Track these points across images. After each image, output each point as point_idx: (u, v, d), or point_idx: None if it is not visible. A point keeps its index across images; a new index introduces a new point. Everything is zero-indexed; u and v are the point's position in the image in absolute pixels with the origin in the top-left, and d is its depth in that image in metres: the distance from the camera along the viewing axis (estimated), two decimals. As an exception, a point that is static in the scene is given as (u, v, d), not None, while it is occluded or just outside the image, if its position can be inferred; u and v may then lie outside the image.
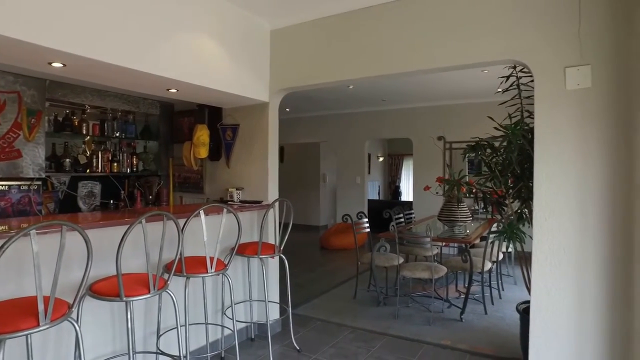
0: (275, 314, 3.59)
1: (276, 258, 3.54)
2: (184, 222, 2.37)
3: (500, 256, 4.62)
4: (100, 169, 4.30)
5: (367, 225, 4.82)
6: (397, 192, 12.16)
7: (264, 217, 3.05)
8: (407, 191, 11.75)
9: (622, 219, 2.25)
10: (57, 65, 2.50)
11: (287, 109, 8.04)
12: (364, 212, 4.97)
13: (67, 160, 4.05)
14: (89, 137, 4.29)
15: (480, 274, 4.20)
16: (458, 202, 4.32)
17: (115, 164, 4.42)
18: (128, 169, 4.57)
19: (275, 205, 3.31)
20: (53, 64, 2.48)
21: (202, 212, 2.42)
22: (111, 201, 4.39)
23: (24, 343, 1.90)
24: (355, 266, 4.64)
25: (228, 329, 3.06)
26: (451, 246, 5.73)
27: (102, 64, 2.45)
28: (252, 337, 3.46)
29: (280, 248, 3.18)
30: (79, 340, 1.78)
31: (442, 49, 2.81)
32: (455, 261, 4.29)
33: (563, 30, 2.39)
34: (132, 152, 4.66)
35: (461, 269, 4.14)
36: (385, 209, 4.62)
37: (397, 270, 4.15)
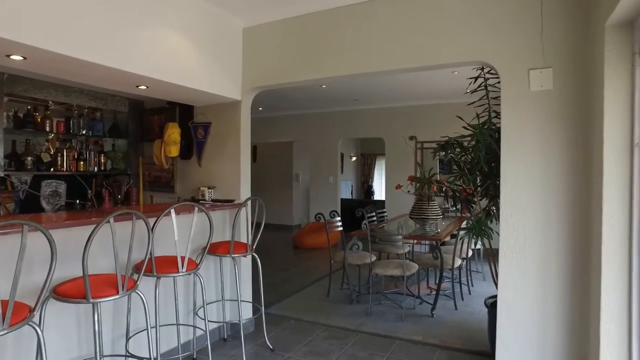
0: (248, 314, 3.56)
1: (249, 257, 3.52)
2: (154, 221, 2.32)
3: (470, 253, 4.74)
4: (65, 167, 4.14)
5: (340, 224, 4.86)
6: (370, 191, 12.28)
7: (236, 215, 3.02)
8: (380, 190, 11.89)
9: (580, 215, 2.35)
10: (16, 58, 2.38)
11: (260, 108, 7.99)
12: (337, 211, 4.99)
13: (29, 158, 3.87)
14: (53, 135, 4.12)
15: (451, 271, 4.30)
16: (429, 200, 4.40)
17: (81, 163, 4.26)
18: (95, 168, 4.43)
19: (248, 204, 3.28)
20: (12, 57, 2.36)
21: (172, 211, 2.38)
22: (77, 201, 4.24)
23: (-18, 349, 1.81)
24: (328, 265, 4.66)
25: (200, 330, 3.02)
26: (422, 244, 5.84)
27: (66, 58, 2.36)
28: (225, 337, 3.42)
29: (253, 247, 3.16)
30: (41, 346, 1.71)
31: (412, 50, 2.86)
32: (426, 258, 4.38)
33: (527, 34, 2.49)
34: (100, 151, 4.51)
35: (432, 266, 4.22)
36: (358, 208, 4.67)
37: (370, 268, 4.20)
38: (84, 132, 4.31)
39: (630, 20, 1.81)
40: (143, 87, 3.16)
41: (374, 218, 5.15)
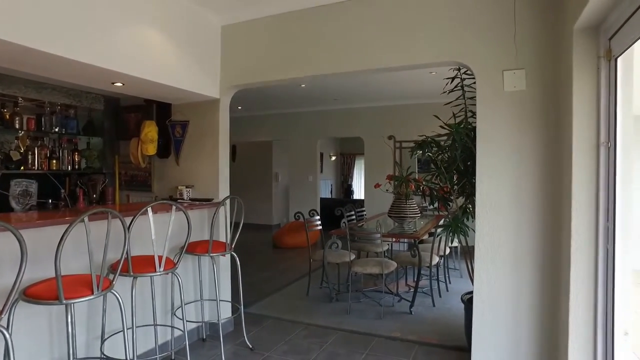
0: (227, 313, 3.54)
1: (227, 256, 3.49)
2: (131, 220, 2.28)
3: (447, 251, 4.83)
4: (36, 166, 4.02)
5: (319, 223, 4.87)
6: (349, 190, 12.35)
7: (214, 214, 3.00)
8: (359, 189, 11.97)
9: (552, 211, 2.43)
10: (-19, 51, 2.28)
11: (239, 107, 7.93)
12: (316, 210, 5.01)
13: (-3, 156, 3.75)
14: (23, 132, 3.99)
15: (429, 268, 4.37)
16: (406, 199, 4.46)
17: (54, 161, 4.15)
18: (69, 167, 4.31)
19: (227, 202, 3.26)
20: (-24, 51, 2.27)
21: (150, 210, 2.34)
22: (50, 201, 4.12)
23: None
24: (308, 264, 4.67)
25: (178, 330, 2.98)
26: (401, 242, 5.91)
27: (37, 52, 2.26)
28: (204, 337, 3.39)
29: (232, 246, 3.14)
30: (9, 350, 1.65)
31: (391, 50, 2.90)
32: (404, 256, 4.44)
33: (501, 37, 2.55)
34: (74, 149, 4.39)
35: (410, 263, 4.28)
36: (338, 207, 4.69)
37: (349, 266, 4.23)
38: (56, 129, 4.19)
39: (596, 25, 1.88)
40: (119, 84, 3.10)
41: (353, 217, 5.18)
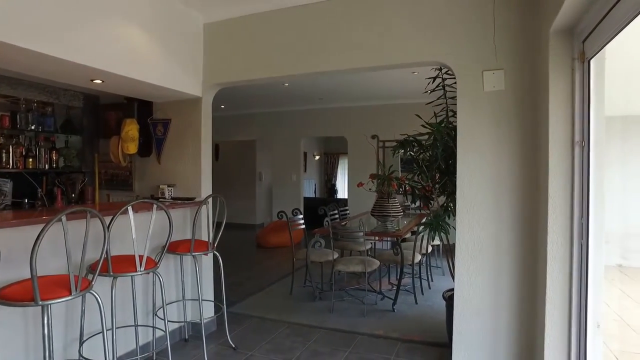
0: (210, 313, 3.51)
1: (210, 255, 3.47)
2: (111, 219, 2.24)
3: (430, 249, 4.89)
4: (11, 164, 3.92)
5: (303, 222, 4.87)
6: (333, 190, 12.38)
7: (196, 213, 2.98)
8: (343, 189, 12.01)
9: (530, 209, 2.49)
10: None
11: (222, 106, 7.87)
12: (299, 209, 5.01)
13: (-31, 154, 3.64)
14: (-4, 130, 3.89)
15: (411, 267, 4.42)
16: (389, 197, 4.50)
17: (30, 160, 4.05)
18: (46, 165, 4.21)
19: (209, 201, 3.24)
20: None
21: (130, 209, 2.31)
22: (26, 200, 4.02)
23: None
24: (291, 263, 4.67)
25: (160, 330, 2.94)
26: (384, 240, 5.96)
27: (11, 47, 2.19)
28: (186, 337, 3.36)
29: (214, 245, 3.12)
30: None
31: (373, 49, 2.92)
32: (387, 255, 4.48)
33: (481, 37, 2.60)
34: (52, 147, 4.29)
35: (393, 262, 4.32)
36: (321, 206, 4.71)
37: (332, 265, 4.25)
38: (32, 127, 4.09)
39: (570, 28, 1.94)
40: (98, 81, 3.04)
41: (337, 216, 5.20)
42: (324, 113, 8.17)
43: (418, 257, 4.37)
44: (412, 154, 3.25)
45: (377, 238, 4.95)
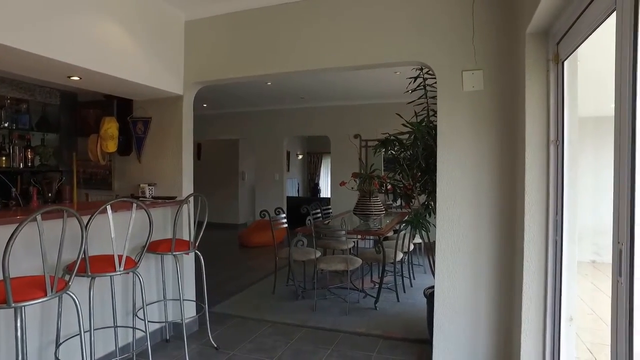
0: (191, 313, 3.48)
1: (191, 255, 3.44)
2: (89, 218, 2.21)
3: (412, 247, 4.95)
4: (-15, 163, 3.81)
5: (285, 220, 4.87)
6: (316, 189, 12.39)
7: (177, 212, 2.95)
8: (326, 188, 12.04)
9: (508, 206, 2.55)
10: None
11: (205, 105, 7.79)
12: (282, 208, 5.00)
13: (-61, 153, 3.53)
14: (-31, 128, 3.78)
15: (393, 265, 4.46)
16: (371, 196, 4.53)
17: (3, 158, 3.94)
18: (21, 164, 4.11)
19: (190, 200, 3.21)
20: None
21: (109, 208, 2.27)
22: (-1, 200, 3.91)
23: None
24: (274, 262, 4.66)
25: (140, 331, 2.91)
26: (366, 239, 6.00)
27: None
28: (167, 338, 3.32)
29: (196, 244, 3.09)
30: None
31: (354, 48, 2.94)
32: (369, 253, 4.51)
33: (461, 38, 2.65)
34: (27, 145, 4.19)
35: (375, 260, 4.36)
36: (304, 205, 4.71)
37: (315, 264, 4.26)
38: (6, 124, 3.99)
39: (545, 30, 2.00)
40: (76, 78, 2.98)
41: (319, 215, 5.21)
42: (307, 112, 8.17)
43: (400, 255, 4.42)
44: (394, 152, 3.29)
45: (359, 236, 4.99)
